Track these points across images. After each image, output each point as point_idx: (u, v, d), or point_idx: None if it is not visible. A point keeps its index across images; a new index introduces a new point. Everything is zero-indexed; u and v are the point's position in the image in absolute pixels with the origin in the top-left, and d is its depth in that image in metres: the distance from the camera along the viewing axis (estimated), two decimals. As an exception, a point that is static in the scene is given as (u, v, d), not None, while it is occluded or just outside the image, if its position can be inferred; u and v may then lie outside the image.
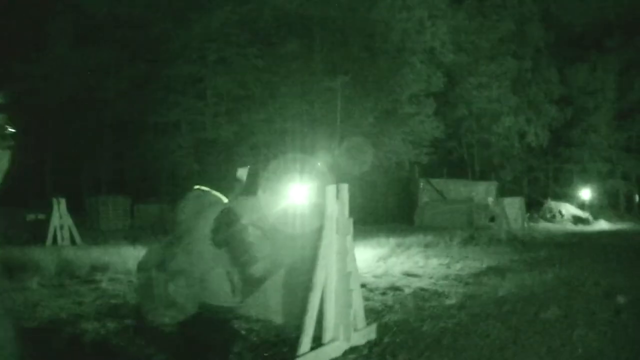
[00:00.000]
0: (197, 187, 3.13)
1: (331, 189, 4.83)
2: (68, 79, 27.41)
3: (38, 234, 15.44)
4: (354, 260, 5.09)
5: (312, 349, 4.66)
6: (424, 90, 31.77)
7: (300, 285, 5.07)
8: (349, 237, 4.94)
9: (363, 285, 8.50)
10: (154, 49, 27.95)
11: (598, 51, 35.03)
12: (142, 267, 2.96)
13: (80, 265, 10.56)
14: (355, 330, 5.20)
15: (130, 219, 26.07)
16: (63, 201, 15.45)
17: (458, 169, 35.28)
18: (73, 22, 28.32)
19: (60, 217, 15.22)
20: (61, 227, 15.14)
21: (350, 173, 30.72)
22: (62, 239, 15.12)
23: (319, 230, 4.87)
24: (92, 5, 27.19)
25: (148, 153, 28.91)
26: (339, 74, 29.81)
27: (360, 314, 5.32)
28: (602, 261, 11.86)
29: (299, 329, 4.95)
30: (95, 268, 10.34)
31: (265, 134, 29.63)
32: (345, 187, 4.95)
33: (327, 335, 4.84)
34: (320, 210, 5.07)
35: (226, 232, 2.93)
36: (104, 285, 8.75)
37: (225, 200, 3.07)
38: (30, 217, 17.04)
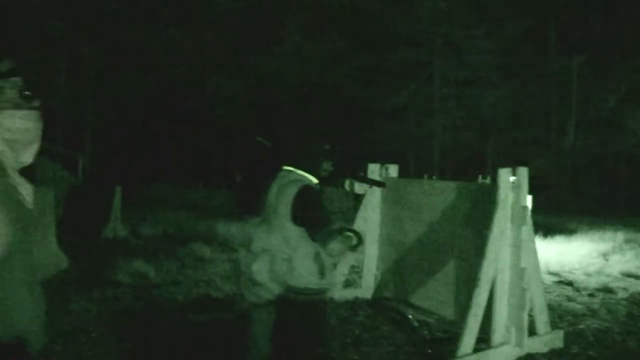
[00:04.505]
0: (285, 167, 2.99)
1: (506, 172, 4.22)
2: (299, 68, 28.98)
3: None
4: (534, 254, 4.41)
5: (476, 351, 4.15)
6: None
7: (471, 278, 4.58)
8: (526, 228, 4.28)
9: (569, 284, 7.57)
10: (381, 35, 28.26)
11: None
12: (237, 247, 3.02)
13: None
14: (535, 335, 4.53)
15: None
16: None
17: None
18: (307, 13, 29.75)
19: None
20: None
21: (586, 160, 28.25)
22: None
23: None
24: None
25: (376, 138, 29.19)
26: (575, 52, 27.38)
27: (543, 317, 4.62)
28: None
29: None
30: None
31: (492, 117, 28.42)
32: (524, 171, 4.29)
33: (496, 339, 4.27)
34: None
35: (303, 210, 2.82)
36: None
37: (312, 179, 2.89)
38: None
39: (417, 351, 4.56)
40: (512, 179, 4.29)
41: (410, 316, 5.50)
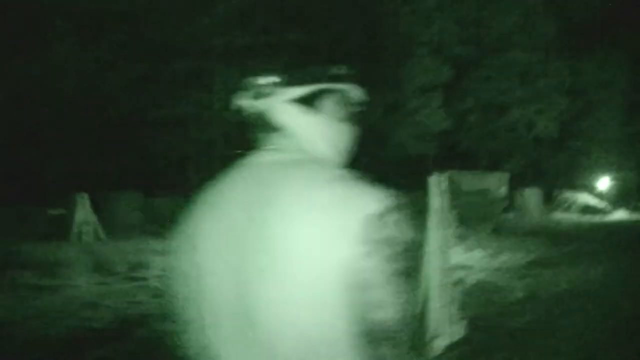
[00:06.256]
0: None
1: (435, 180, 4.64)
2: (69, 78, 27.01)
3: (58, 230, 15.17)
4: (450, 255, 4.91)
5: (413, 346, 4.49)
6: (431, 82, 31.73)
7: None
8: (450, 231, 4.75)
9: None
10: (157, 45, 27.50)
11: (609, 43, 34.75)
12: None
13: (117, 261, 10.42)
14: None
15: (142, 214, 25.74)
16: (86, 197, 15.24)
17: (466, 160, 35.04)
18: (74, 21, 27.70)
19: (85, 213, 15.02)
20: (87, 223, 14.93)
21: (360, 167, 30.67)
22: (87, 234, 14.90)
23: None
24: (92, 3, 26.58)
25: (156, 147, 28.39)
26: (341, 67, 29.60)
27: (454, 309, 5.15)
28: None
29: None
30: (133, 265, 10.18)
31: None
32: (446, 179, 4.76)
33: (430, 332, 4.67)
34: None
35: None
36: (151, 283, 8.55)
37: None
38: (53, 212, 16.84)
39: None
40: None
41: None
